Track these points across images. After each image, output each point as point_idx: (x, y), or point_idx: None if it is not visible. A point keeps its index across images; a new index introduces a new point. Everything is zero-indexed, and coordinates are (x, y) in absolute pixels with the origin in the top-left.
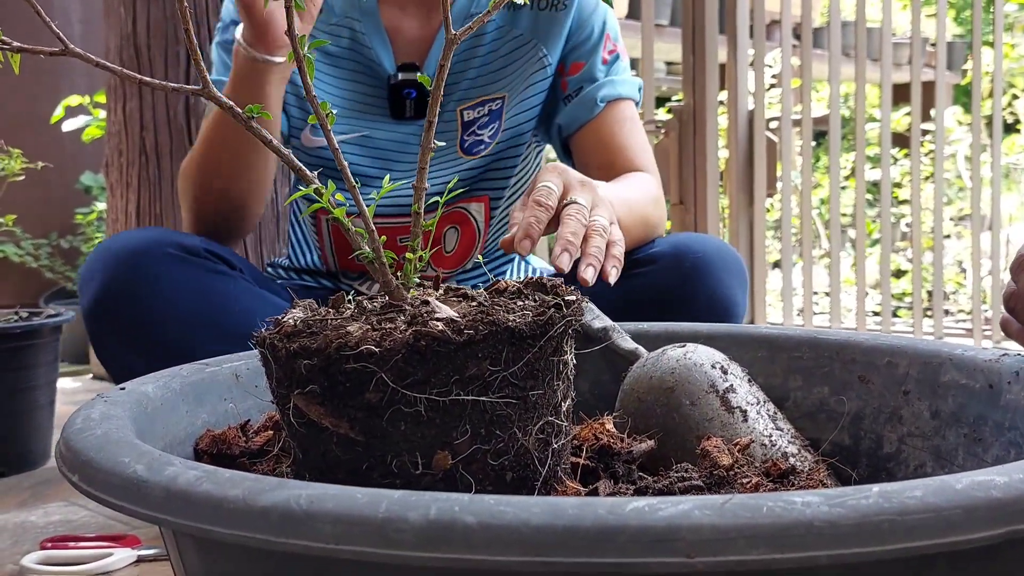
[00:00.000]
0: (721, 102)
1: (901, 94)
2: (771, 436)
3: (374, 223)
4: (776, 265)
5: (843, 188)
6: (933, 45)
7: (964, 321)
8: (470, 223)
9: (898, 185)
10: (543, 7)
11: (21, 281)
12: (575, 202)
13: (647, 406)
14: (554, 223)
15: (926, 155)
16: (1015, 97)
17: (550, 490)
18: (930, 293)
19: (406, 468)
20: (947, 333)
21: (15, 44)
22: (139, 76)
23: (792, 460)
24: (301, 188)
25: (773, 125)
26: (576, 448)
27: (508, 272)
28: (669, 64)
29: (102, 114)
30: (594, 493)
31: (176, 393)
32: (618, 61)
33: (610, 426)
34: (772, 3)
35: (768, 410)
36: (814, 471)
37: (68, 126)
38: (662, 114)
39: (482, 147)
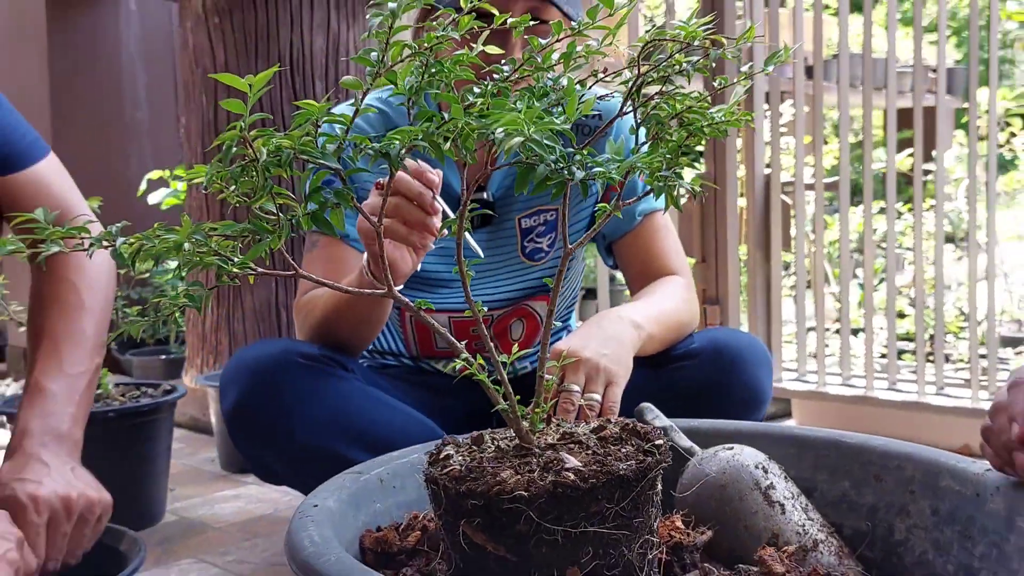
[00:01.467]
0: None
1: (905, 120)
2: (804, 525)
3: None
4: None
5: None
6: (935, 71)
7: (963, 370)
8: (533, 317)
9: (902, 233)
10: (586, 132)
11: None
12: (567, 389)
13: (703, 500)
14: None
15: (927, 210)
16: (1013, 135)
17: None
18: (932, 337)
19: None
20: (947, 383)
21: (259, 269)
22: (344, 287)
23: (821, 547)
24: None
25: (788, 188)
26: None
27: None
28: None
29: (179, 185)
30: None
31: (344, 503)
32: None
33: (679, 523)
34: (783, 37)
35: (801, 503)
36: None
37: (153, 199)
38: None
39: (542, 254)
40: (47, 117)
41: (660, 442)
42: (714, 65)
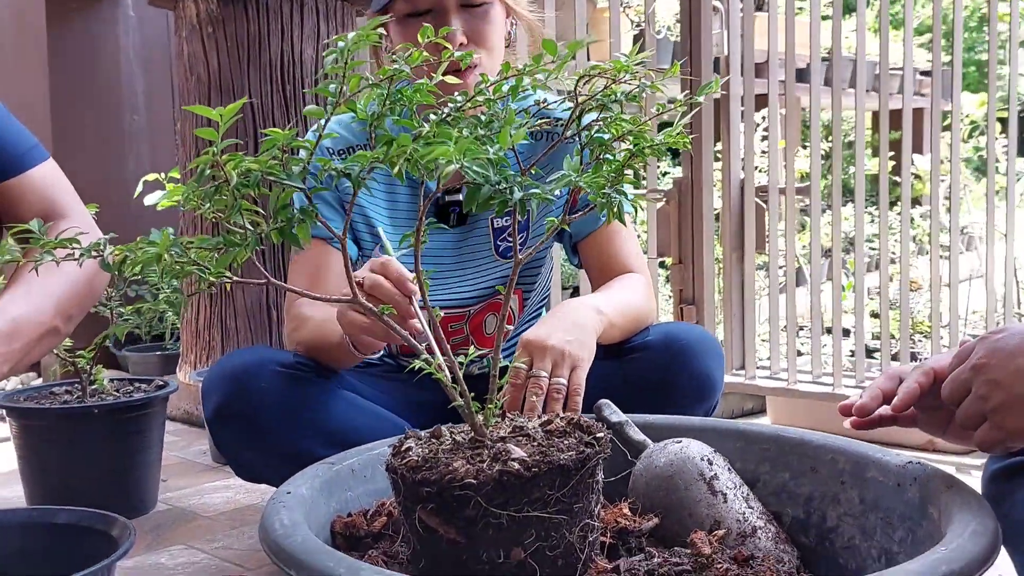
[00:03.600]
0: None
1: (896, 122)
2: (744, 513)
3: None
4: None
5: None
6: (925, 74)
7: None
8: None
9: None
10: (554, 139)
11: (93, 326)
12: (535, 375)
13: (653, 489)
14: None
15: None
16: (996, 138)
17: (587, 569)
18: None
19: (493, 560)
20: None
21: (234, 277)
22: (330, 297)
23: (759, 532)
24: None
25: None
26: (603, 529)
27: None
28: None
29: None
30: (616, 571)
31: (317, 490)
32: None
33: (626, 510)
34: (761, 42)
35: (743, 492)
36: (767, 557)
37: (149, 200)
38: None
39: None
40: (48, 122)
41: (600, 435)
42: (646, 94)
